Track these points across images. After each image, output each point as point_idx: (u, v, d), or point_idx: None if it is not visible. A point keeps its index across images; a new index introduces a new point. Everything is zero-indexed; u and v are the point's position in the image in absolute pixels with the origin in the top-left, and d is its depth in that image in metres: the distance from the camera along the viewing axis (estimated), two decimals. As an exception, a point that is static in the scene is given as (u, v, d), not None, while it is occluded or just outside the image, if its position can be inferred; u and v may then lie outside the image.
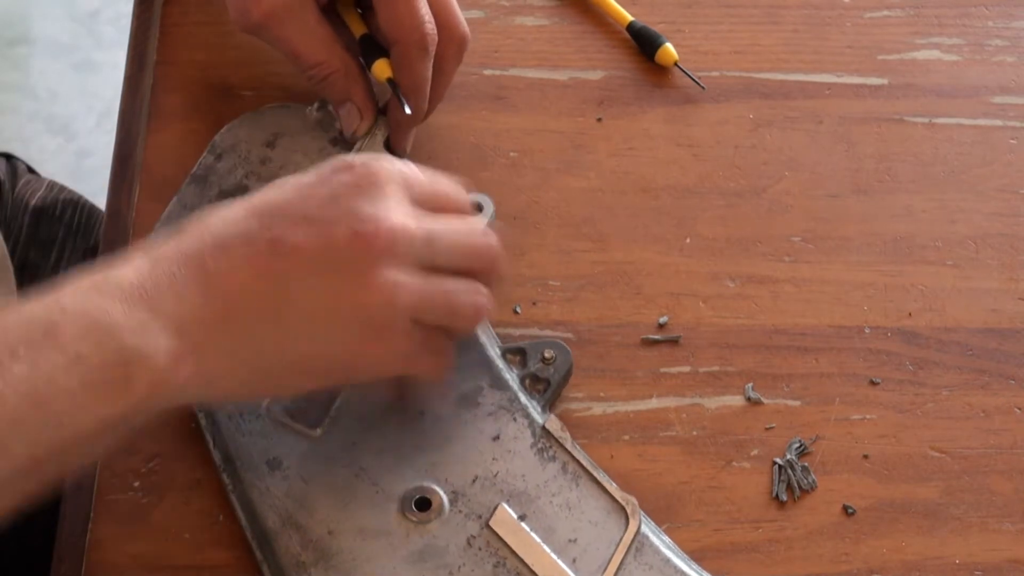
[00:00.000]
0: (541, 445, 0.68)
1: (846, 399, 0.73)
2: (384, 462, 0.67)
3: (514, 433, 0.68)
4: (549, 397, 0.70)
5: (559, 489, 0.67)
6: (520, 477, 0.67)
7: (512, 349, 0.71)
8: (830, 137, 0.83)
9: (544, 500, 0.66)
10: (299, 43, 0.74)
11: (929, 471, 0.72)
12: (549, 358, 0.71)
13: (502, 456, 0.67)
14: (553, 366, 0.71)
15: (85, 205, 0.97)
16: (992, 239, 0.79)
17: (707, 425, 0.72)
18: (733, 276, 0.77)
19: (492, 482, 0.67)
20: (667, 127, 0.83)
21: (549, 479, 0.67)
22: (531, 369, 0.71)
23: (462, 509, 0.66)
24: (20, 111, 1.91)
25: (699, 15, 0.87)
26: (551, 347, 0.71)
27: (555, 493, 0.67)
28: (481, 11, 0.86)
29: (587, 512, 0.66)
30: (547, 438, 0.68)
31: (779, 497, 0.70)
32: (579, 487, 0.67)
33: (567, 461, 0.68)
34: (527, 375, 0.70)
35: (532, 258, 0.77)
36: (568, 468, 0.68)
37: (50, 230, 0.94)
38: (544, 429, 0.68)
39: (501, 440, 0.68)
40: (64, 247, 0.94)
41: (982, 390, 0.74)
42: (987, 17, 0.88)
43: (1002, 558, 0.69)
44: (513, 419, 0.68)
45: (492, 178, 0.80)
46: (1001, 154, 0.82)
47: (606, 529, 0.66)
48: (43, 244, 0.93)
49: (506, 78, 0.84)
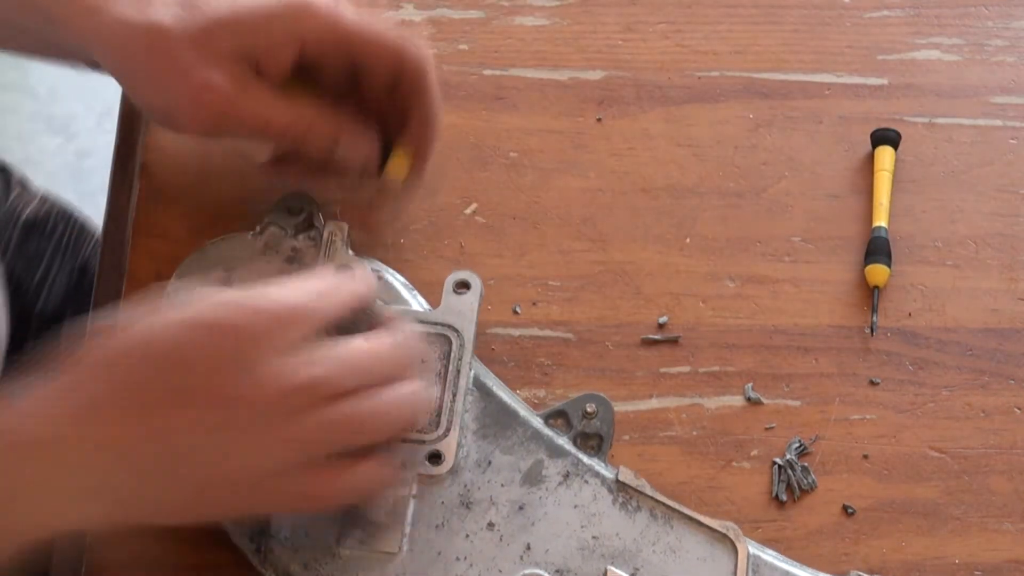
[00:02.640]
0: (622, 499, 0.67)
1: (846, 399, 0.73)
2: (475, 565, 0.65)
3: (591, 495, 0.67)
4: (606, 449, 0.69)
5: (656, 537, 0.66)
6: (615, 536, 0.66)
7: (552, 414, 0.70)
8: (830, 137, 0.83)
9: (647, 551, 0.65)
10: (266, 111, 0.69)
11: (929, 471, 0.72)
12: (592, 412, 0.69)
13: (589, 521, 0.66)
14: (598, 418, 0.69)
15: (76, 221, 0.97)
16: (992, 239, 0.79)
17: (707, 425, 0.72)
18: (733, 276, 0.77)
19: (591, 549, 0.65)
20: (667, 127, 0.83)
21: (643, 529, 0.66)
22: (578, 428, 0.69)
23: None
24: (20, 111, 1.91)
25: (699, 15, 0.87)
26: (590, 400, 0.70)
27: (654, 541, 0.66)
28: (481, 11, 0.86)
29: (692, 550, 0.66)
30: (625, 491, 0.67)
31: (779, 497, 0.70)
32: (675, 528, 0.66)
33: (653, 507, 0.67)
34: (577, 435, 0.69)
35: (532, 258, 0.77)
36: (657, 513, 0.67)
37: (38, 246, 0.93)
38: (619, 482, 0.67)
39: (581, 506, 0.66)
40: (51, 264, 0.93)
41: (982, 390, 0.74)
42: (987, 17, 0.88)
43: (1002, 558, 0.69)
44: (585, 482, 0.67)
45: (492, 178, 0.80)
46: (1001, 154, 0.82)
47: (718, 561, 0.65)
48: (29, 259, 0.93)
49: (506, 78, 0.84)
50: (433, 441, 0.67)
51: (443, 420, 0.67)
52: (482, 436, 0.68)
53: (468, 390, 0.69)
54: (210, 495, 0.61)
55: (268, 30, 0.68)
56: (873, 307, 0.76)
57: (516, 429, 0.68)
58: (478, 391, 0.69)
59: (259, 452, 0.60)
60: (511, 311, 0.75)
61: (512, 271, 0.77)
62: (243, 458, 0.60)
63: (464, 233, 0.78)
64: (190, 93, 0.68)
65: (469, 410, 0.68)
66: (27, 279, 0.92)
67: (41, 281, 0.92)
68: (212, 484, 0.61)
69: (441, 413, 0.67)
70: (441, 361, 0.69)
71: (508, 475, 0.67)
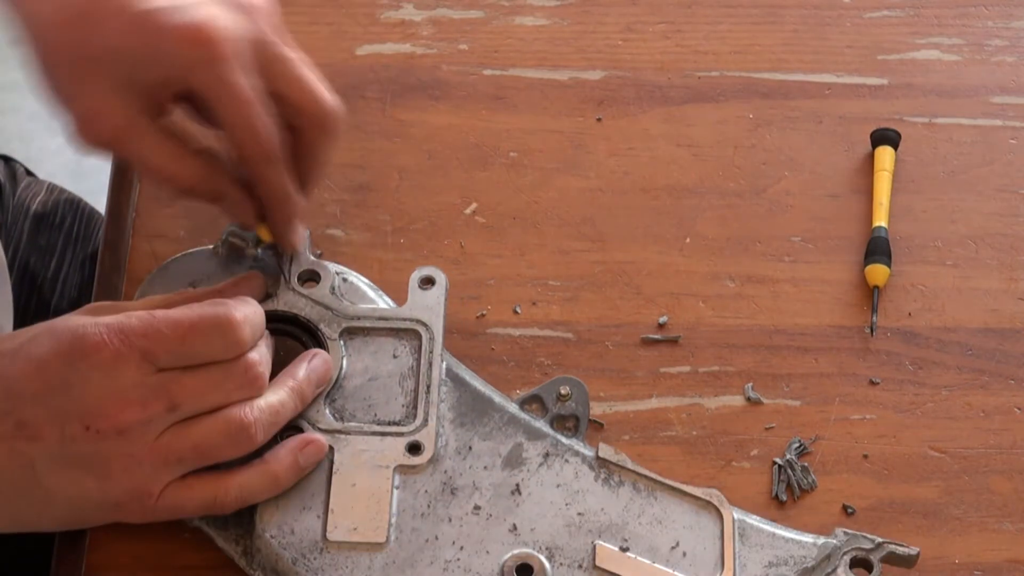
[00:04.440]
0: (604, 474, 0.67)
1: (846, 399, 0.73)
2: (465, 548, 0.65)
3: (573, 473, 0.67)
4: (583, 429, 0.70)
5: (641, 509, 0.67)
6: (600, 511, 0.66)
7: (527, 399, 0.71)
8: (830, 137, 0.83)
9: (633, 524, 0.66)
10: (150, 156, 0.67)
11: (929, 471, 0.72)
12: (566, 394, 0.70)
13: (573, 499, 0.67)
14: (573, 400, 0.70)
15: (85, 208, 0.97)
16: (992, 239, 0.79)
17: (707, 425, 0.72)
18: (733, 276, 0.77)
19: (578, 526, 0.66)
20: (667, 127, 0.83)
21: (627, 503, 0.67)
22: (554, 411, 0.70)
23: (563, 562, 0.65)
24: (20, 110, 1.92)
25: (699, 15, 0.87)
26: (563, 383, 0.71)
27: (640, 514, 0.66)
28: (481, 11, 0.86)
29: (678, 519, 0.66)
30: (606, 466, 0.68)
31: (779, 497, 0.70)
32: (659, 500, 0.67)
33: (636, 480, 0.67)
34: (553, 417, 0.70)
35: (532, 258, 0.77)
36: (640, 486, 0.67)
37: (49, 238, 0.94)
38: (599, 459, 0.68)
39: (564, 484, 0.67)
40: (64, 256, 0.94)
41: (982, 390, 0.74)
42: (987, 17, 0.88)
43: (1002, 558, 0.69)
44: (566, 461, 0.68)
45: (492, 178, 0.80)
46: (1001, 154, 0.82)
47: (704, 528, 0.66)
48: (43, 252, 0.93)
49: (506, 78, 0.84)
50: (411, 432, 0.68)
51: (419, 411, 0.68)
52: (460, 424, 0.69)
53: (442, 381, 0.70)
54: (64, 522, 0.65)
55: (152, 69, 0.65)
56: (873, 307, 0.76)
57: (493, 415, 0.69)
58: (452, 382, 0.70)
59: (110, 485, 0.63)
60: (511, 311, 0.75)
61: (512, 271, 0.77)
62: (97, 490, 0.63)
63: (464, 233, 0.78)
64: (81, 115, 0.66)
65: (444, 400, 0.69)
66: (42, 272, 0.92)
67: (55, 273, 0.93)
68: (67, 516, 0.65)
69: (417, 405, 0.68)
70: (413, 355, 0.70)
71: (489, 460, 0.68)
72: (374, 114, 0.82)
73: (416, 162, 0.81)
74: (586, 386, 0.71)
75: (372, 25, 0.86)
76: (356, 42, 0.85)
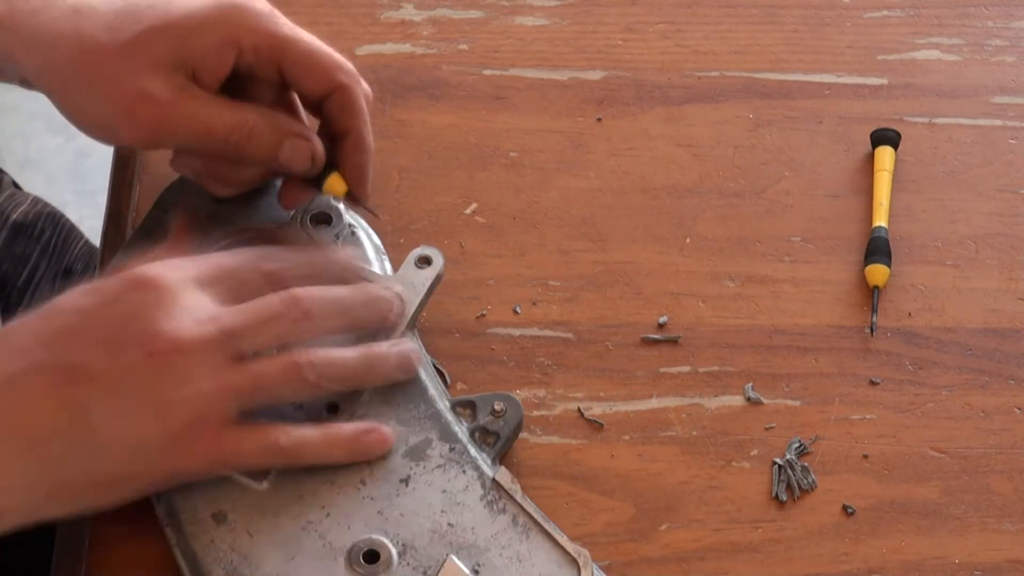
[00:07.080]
0: (491, 497, 0.67)
1: (846, 399, 0.73)
2: (331, 515, 0.66)
3: (463, 485, 0.67)
4: (499, 449, 0.69)
5: (509, 542, 0.66)
6: (470, 530, 0.66)
7: (462, 402, 0.70)
8: (830, 137, 0.83)
9: (494, 552, 0.65)
10: (207, 116, 0.68)
11: (929, 471, 0.72)
12: (499, 411, 0.70)
13: (451, 509, 0.66)
14: (503, 419, 0.70)
15: (65, 224, 0.97)
16: (992, 239, 0.79)
17: (707, 425, 0.72)
18: (733, 276, 0.77)
19: (441, 534, 0.66)
20: (667, 127, 0.83)
21: (499, 531, 0.66)
22: (481, 422, 0.69)
23: (410, 562, 0.65)
24: (20, 110, 1.92)
25: (699, 15, 0.87)
26: (501, 399, 0.70)
27: (505, 546, 0.66)
28: (481, 11, 0.86)
29: (537, 564, 0.65)
30: (497, 490, 0.67)
31: (779, 497, 0.70)
32: (529, 539, 0.66)
33: (517, 513, 0.66)
34: (477, 428, 0.69)
35: (532, 258, 0.77)
36: (518, 520, 0.66)
37: (26, 248, 0.93)
38: (494, 481, 0.67)
39: (450, 493, 0.67)
40: (38, 266, 0.93)
41: (982, 390, 0.74)
42: (987, 17, 0.88)
43: (1002, 558, 0.69)
44: (463, 471, 0.67)
45: (492, 178, 0.80)
46: (1001, 154, 0.83)
47: None
48: (16, 260, 0.93)
49: (506, 78, 0.84)
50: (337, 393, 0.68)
51: None
52: (385, 402, 0.69)
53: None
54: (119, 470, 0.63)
55: (203, 36, 0.67)
56: (873, 307, 0.76)
57: (420, 405, 0.69)
58: None
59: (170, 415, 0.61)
60: (511, 311, 0.75)
61: (512, 271, 0.77)
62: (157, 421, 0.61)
63: (464, 233, 0.78)
64: (125, 104, 0.67)
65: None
66: (13, 279, 0.92)
67: (27, 283, 0.93)
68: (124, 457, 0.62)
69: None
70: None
71: (396, 444, 0.68)
72: (374, 114, 0.82)
73: (416, 162, 0.81)
74: (523, 410, 0.70)
75: (372, 25, 0.86)
76: (356, 42, 0.85)
